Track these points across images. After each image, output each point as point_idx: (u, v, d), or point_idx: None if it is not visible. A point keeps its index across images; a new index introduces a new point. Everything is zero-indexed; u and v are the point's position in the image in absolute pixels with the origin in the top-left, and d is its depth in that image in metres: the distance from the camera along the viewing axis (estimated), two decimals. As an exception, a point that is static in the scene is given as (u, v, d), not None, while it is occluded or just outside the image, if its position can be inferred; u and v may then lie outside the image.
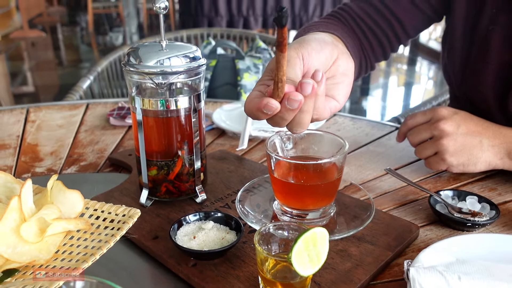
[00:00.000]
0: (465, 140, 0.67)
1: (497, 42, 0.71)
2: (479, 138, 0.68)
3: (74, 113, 1.07)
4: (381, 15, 0.79)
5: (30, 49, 6.16)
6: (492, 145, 0.68)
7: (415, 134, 0.72)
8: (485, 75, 0.74)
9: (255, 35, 1.56)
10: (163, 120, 0.61)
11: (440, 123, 0.68)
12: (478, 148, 0.68)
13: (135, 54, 0.59)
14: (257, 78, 1.37)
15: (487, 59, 0.73)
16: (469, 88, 0.79)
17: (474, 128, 0.68)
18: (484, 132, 0.68)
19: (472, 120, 0.69)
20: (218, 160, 0.80)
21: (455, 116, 0.69)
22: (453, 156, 0.68)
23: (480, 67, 0.75)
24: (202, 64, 0.61)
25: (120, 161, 0.80)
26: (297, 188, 0.58)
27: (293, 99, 0.45)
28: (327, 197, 0.59)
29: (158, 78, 0.58)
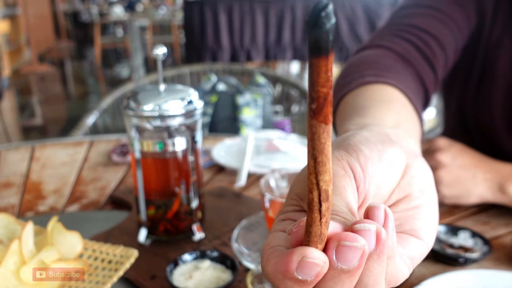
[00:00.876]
0: (459, 173, 0.69)
1: (502, 64, 0.73)
2: (473, 172, 0.69)
3: (78, 150, 1.10)
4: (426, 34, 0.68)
5: (39, 83, 6.30)
6: (485, 179, 0.69)
7: None
8: (494, 99, 0.75)
9: (255, 71, 1.61)
10: (161, 161, 0.63)
11: (437, 154, 0.69)
12: (472, 182, 0.69)
13: (135, 98, 0.62)
14: (256, 113, 1.41)
15: (495, 83, 0.74)
16: (479, 113, 0.80)
17: (469, 161, 0.69)
18: (478, 166, 0.69)
19: (467, 153, 0.71)
20: (217, 197, 0.81)
21: (451, 148, 0.70)
22: (447, 187, 0.69)
23: (489, 91, 0.76)
24: (199, 107, 0.64)
25: (121, 199, 0.82)
26: None
27: (347, 248, 0.23)
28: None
29: (156, 121, 0.61)
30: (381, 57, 0.64)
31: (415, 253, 0.29)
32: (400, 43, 0.66)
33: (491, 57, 0.74)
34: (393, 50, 0.66)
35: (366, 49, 0.69)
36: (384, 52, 0.66)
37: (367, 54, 0.66)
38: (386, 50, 0.66)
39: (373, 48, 0.68)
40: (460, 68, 0.81)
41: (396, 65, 0.63)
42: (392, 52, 0.65)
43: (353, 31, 3.72)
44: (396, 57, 0.65)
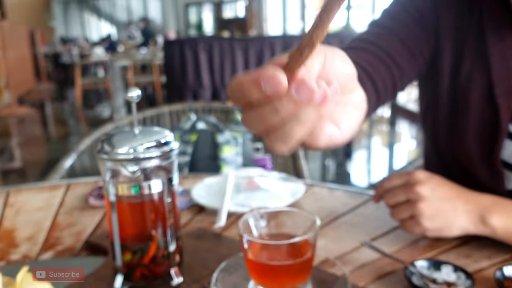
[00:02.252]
0: (440, 205, 0.69)
1: (474, 99, 0.74)
2: (454, 203, 0.69)
3: (54, 195, 1.07)
4: (380, 60, 0.75)
5: (18, 125, 6.23)
6: (466, 210, 0.69)
7: (390, 195, 0.73)
8: (468, 131, 0.77)
9: (234, 109, 1.62)
10: (136, 205, 0.62)
11: (416, 187, 0.69)
12: (453, 213, 0.69)
13: (109, 141, 0.61)
14: (237, 151, 1.41)
15: (467, 116, 0.76)
16: (454, 144, 0.81)
17: (449, 192, 0.70)
18: (458, 197, 0.70)
19: (447, 185, 0.71)
20: (196, 238, 0.80)
21: (431, 180, 0.70)
22: (429, 220, 0.69)
23: (462, 123, 0.77)
24: (174, 148, 0.64)
25: (97, 244, 0.79)
26: (271, 268, 0.58)
27: (306, 86, 0.33)
28: (302, 274, 0.59)
29: (131, 165, 0.60)
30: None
31: (332, 134, 0.38)
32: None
33: (462, 92, 0.76)
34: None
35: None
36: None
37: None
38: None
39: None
40: (431, 105, 0.84)
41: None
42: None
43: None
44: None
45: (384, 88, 0.75)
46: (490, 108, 0.73)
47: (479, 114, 0.74)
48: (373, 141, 4.73)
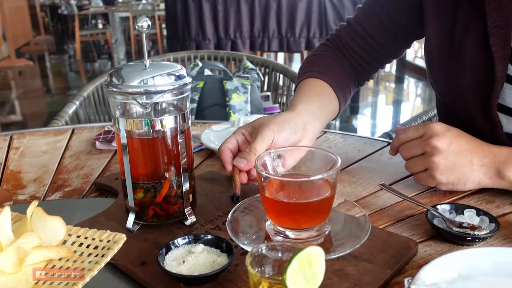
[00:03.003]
0: (456, 159, 0.67)
1: (470, 50, 0.72)
2: (470, 157, 0.67)
3: (59, 139, 1.04)
4: (365, 41, 0.87)
5: (17, 78, 6.14)
6: (482, 164, 0.67)
7: (407, 149, 0.71)
8: (464, 82, 0.74)
9: (242, 56, 1.56)
10: (148, 141, 0.59)
11: (433, 140, 0.67)
12: (468, 168, 0.67)
13: (118, 74, 0.58)
14: (245, 98, 1.36)
15: (463, 67, 0.73)
16: (452, 97, 0.80)
17: (465, 146, 0.67)
18: (474, 151, 0.67)
19: (464, 138, 0.68)
20: (208, 181, 0.77)
21: (448, 133, 0.68)
22: (443, 174, 0.67)
23: (458, 75, 0.75)
24: (187, 82, 0.60)
25: (106, 186, 0.77)
26: (289, 207, 0.56)
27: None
28: (321, 215, 0.57)
29: (142, 98, 0.56)
30: (327, 57, 0.89)
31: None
32: (348, 44, 0.89)
33: (458, 42, 0.73)
34: (340, 49, 0.90)
35: (325, 45, 0.93)
36: (332, 50, 0.91)
37: (320, 51, 0.92)
38: (335, 49, 0.91)
39: (328, 46, 0.92)
40: (431, 57, 0.82)
41: (335, 64, 0.88)
42: (338, 51, 0.90)
43: (339, 17, 3.71)
44: (340, 54, 0.90)
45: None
46: (485, 58, 0.69)
47: (474, 63, 0.71)
48: (379, 98, 4.67)
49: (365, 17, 0.87)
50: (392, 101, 4.57)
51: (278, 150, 0.62)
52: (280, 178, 0.57)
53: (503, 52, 0.68)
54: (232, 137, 0.70)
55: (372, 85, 4.83)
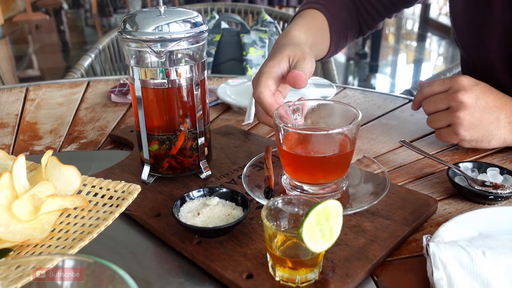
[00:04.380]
0: (482, 115, 0.64)
1: (499, 4, 0.68)
2: (497, 114, 0.64)
3: (74, 91, 1.04)
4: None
5: (34, 32, 6.12)
6: (510, 121, 0.64)
7: (431, 103, 0.67)
8: (490, 39, 0.71)
9: (260, 9, 1.51)
10: (163, 92, 0.58)
11: (459, 94, 0.64)
12: (495, 124, 0.64)
13: (132, 21, 0.55)
14: (262, 53, 1.33)
15: (490, 23, 0.70)
16: (476, 54, 0.76)
17: (493, 102, 0.64)
18: (502, 107, 0.64)
19: (492, 93, 0.65)
20: (224, 135, 0.76)
21: (475, 87, 0.64)
22: (468, 130, 0.64)
23: (484, 31, 0.71)
24: (204, 30, 0.57)
25: (121, 138, 0.77)
26: (307, 161, 0.55)
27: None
28: (339, 170, 0.56)
29: (156, 46, 0.54)
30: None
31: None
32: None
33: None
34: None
35: None
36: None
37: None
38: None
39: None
40: (456, 13, 0.78)
41: (342, 4, 0.86)
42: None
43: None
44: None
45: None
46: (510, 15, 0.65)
47: (502, 17, 0.68)
48: (400, 57, 4.53)
49: None
50: (414, 60, 4.43)
51: (297, 103, 0.60)
52: (299, 131, 0.55)
53: None
54: (270, 79, 0.61)
55: (392, 43, 4.68)
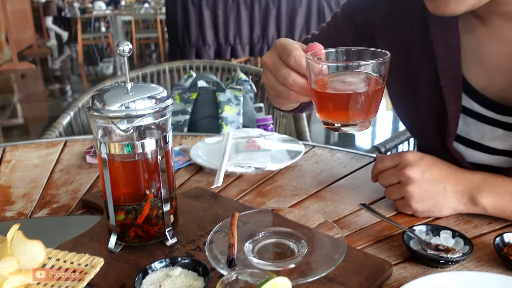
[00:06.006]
0: (430, 187, 0.68)
1: (424, 88, 0.73)
2: (443, 185, 0.68)
3: (51, 151, 1.06)
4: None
5: (19, 81, 6.18)
6: (456, 191, 0.68)
7: (384, 178, 0.73)
8: (420, 117, 0.76)
9: (236, 67, 1.57)
10: (129, 164, 0.60)
11: (406, 170, 0.68)
12: (442, 195, 0.68)
13: (100, 98, 0.59)
14: (237, 110, 1.38)
15: (418, 103, 0.75)
16: (411, 129, 0.83)
17: (438, 174, 0.68)
18: (447, 179, 0.69)
19: (437, 165, 0.70)
20: (193, 198, 0.78)
21: (421, 162, 0.69)
22: (419, 202, 0.69)
23: (414, 110, 0.77)
24: (169, 105, 0.61)
25: (92, 203, 0.78)
26: (341, 98, 0.56)
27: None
28: (371, 107, 0.56)
29: (123, 122, 0.58)
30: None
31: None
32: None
33: (413, 77, 0.74)
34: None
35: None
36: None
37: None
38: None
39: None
40: (390, 90, 0.82)
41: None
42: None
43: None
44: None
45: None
46: (438, 97, 0.70)
47: (429, 101, 0.73)
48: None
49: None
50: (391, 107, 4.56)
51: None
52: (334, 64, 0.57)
53: (454, 93, 0.69)
54: (295, 43, 0.61)
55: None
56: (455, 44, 0.67)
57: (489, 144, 0.70)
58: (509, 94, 0.67)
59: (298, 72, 0.59)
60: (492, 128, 0.69)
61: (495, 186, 0.67)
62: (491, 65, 0.67)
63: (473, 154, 0.72)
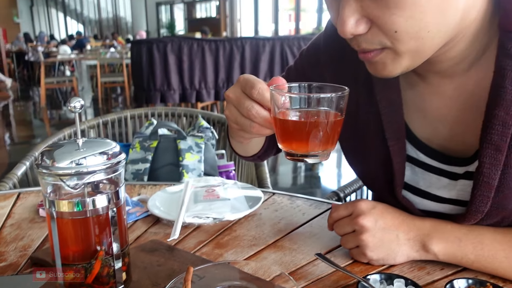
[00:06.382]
0: (383, 235, 0.69)
1: (371, 140, 0.76)
2: (396, 233, 0.70)
3: (2, 205, 1.02)
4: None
5: (-22, 126, 5.98)
6: (408, 238, 0.70)
7: (339, 227, 0.74)
8: (369, 167, 0.79)
9: (198, 113, 1.59)
10: (79, 221, 0.59)
11: (359, 219, 0.70)
12: (395, 243, 0.70)
13: (49, 154, 0.58)
14: (198, 158, 1.38)
15: (366, 153, 0.78)
16: (361, 176, 0.85)
17: (391, 222, 0.70)
18: (400, 226, 0.70)
19: (389, 213, 0.72)
20: (148, 252, 0.77)
21: (373, 210, 0.71)
22: (373, 251, 0.70)
23: (363, 160, 0.80)
24: (121, 160, 0.61)
25: (43, 260, 0.75)
26: (301, 126, 0.59)
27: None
28: (331, 138, 0.59)
29: (72, 179, 0.57)
30: None
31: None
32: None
33: (361, 131, 0.77)
34: None
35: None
36: None
37: None
38: None
39: None
40: (340, 138, 0.85)
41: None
42: None
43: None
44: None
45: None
46: (384, 149, 0.73)
47: (376, 153, 0.76)
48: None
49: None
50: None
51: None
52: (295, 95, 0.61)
53: (398, 145, 0.72)
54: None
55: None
56: (397, 99, 0.70)
57: (436, 193, 0.73)
58: (452, 144, 0.70)
59: (261, 104, 0.61)
60: (438, 178, 0.72)
61: (444, 232, 0.69)
62: (433, 117, 0.70)
63: (422, 202, 0.74)
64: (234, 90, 0.64)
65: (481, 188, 0.64)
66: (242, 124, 0.64)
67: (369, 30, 0.57)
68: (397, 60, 0.59)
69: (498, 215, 0.67)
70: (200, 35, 8.27)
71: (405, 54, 0.58)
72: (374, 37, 0.57)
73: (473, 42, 0.62)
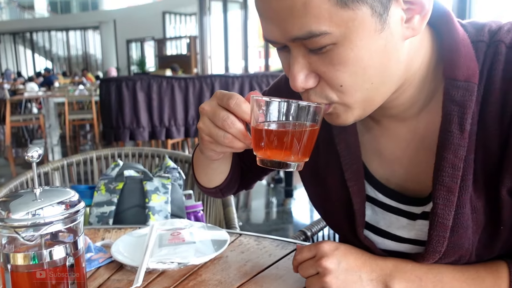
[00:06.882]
0: (346, 277, 0.70)
1: (331, 182, 0.78)
2: (359, 274, 0.70)
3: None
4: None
5: None
6: (371, 279, 0.71)
7: (303, 269, 0.74)
8: (330, 208, 0.81)
9: (165, 154, 1.59)
10: (35, 274, 0.57)
11: (323, 261, 0.70)
12: (359, 284, 0.70)
13: (5, 205, 0.57)
14: (165, 199, 1.37)
15: (327, 195, 0.80)
16: (323, 216, 0.87)
17: (353, 263, 0.71)
18: (362, 267, 0.71)
19: (352, 254, 0.72)
20: (110, 302, 0.75)
21: (336, 252, 0.71)
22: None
23: (324, 201, 0.82)
24: (80, 209, 0.60)
25: (-3, 315, 0.72)
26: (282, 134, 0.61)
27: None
28: (305, 148, 0.63)
29: (28, 231, 0.55)
30: None
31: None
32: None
33: (322, 175, 0.80)
34: None
35: None
36: None
37: None
38: None
39: None
40: (302, 176, 0.87)
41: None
42: None
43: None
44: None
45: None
46: (344, 190, 0.75)
47: (336, 194, 0.78)
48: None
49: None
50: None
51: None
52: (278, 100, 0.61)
53: (357, 186, 0.74)
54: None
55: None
56: (354, 141, 0.73)
57: (396, 233, 0.74)
58: (409, 185, 0.73)
59: (237, 116, 0.64)
60: (397, 217, 0.74)
61: (405, 272, 0.70)
62: (390, 159, 0.73)
63: (383, 242, 0.76)
64: (210, 103, 0.67)
65: (436, 229, 0.66)
66: (215, 135, 0.66)
67: (318, 84, 0.61)
68: (349, 110, 0.62)
69: (455, 254, 0.69)
70: (171, 72, 8.32)
71: (354, 105, 0.61)
72: (322, 91, 0.61)
73: (421, 88, 0.65)
